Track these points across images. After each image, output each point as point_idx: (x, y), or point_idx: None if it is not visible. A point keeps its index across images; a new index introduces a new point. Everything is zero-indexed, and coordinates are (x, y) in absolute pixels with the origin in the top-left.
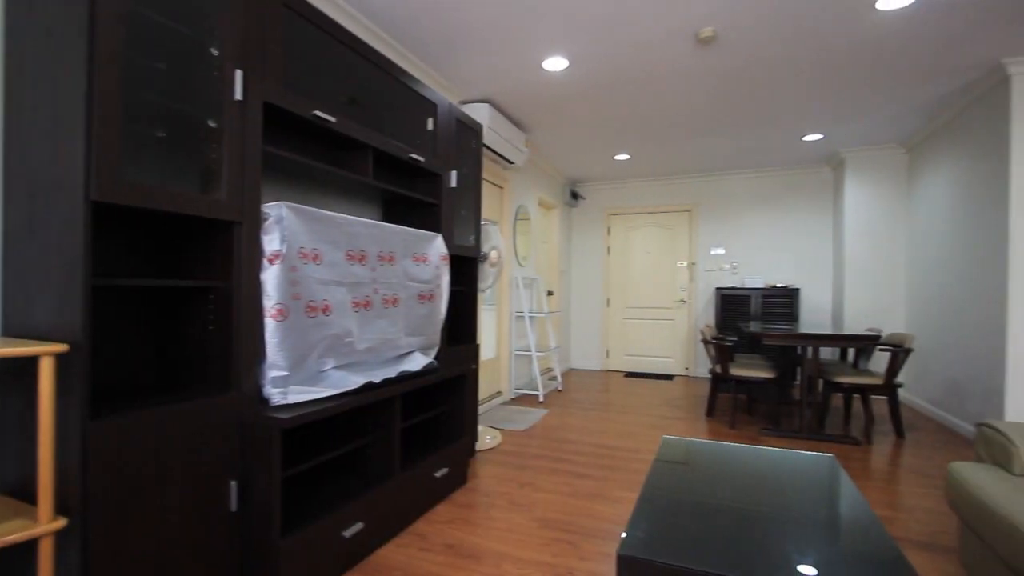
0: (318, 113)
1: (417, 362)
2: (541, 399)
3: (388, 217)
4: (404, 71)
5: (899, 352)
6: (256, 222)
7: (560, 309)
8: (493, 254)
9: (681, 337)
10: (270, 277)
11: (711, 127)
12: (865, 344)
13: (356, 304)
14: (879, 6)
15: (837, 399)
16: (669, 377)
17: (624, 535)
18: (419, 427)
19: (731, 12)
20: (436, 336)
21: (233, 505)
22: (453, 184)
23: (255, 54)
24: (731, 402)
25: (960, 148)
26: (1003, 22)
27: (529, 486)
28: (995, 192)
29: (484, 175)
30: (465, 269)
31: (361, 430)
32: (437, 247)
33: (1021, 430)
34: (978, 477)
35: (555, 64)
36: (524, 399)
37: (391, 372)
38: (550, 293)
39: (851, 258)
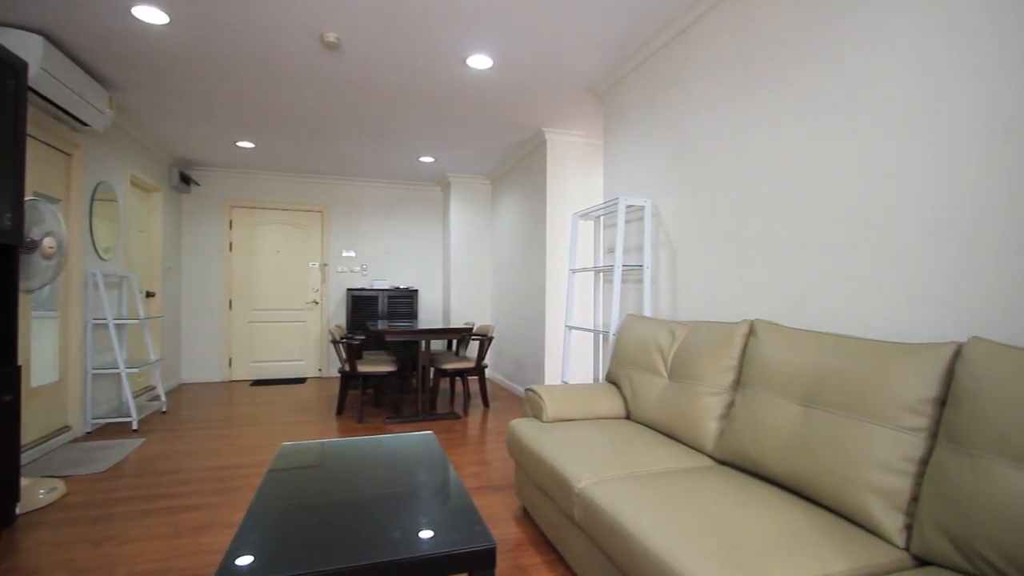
0: None
1: None
2: (135, 427)
3: None
4: None
5: (484, 340)
6: None
7: (165, 314)
8: (48, 242)
9: (314, 338)
10: None
11: (340, 133)
12: (463, 335)
13: None
14: (469, 63)
15: (445, 382)
16: (302, 380)
17: (222, 563)
18: None
19: (351, 24)
20: None
21: None
22: None
23: None
24: (359, 398)
25: (521, 185)
26: (542, 102)
27: (110, 540)
28: (539, 219)
29: (33, 132)
30: None
31: None
32: None
33: (549, 391)
34: (523, 427)
35: (150, 15)
36: (109, 430)
37: None
38: (150, 294)
39: (455, 264)
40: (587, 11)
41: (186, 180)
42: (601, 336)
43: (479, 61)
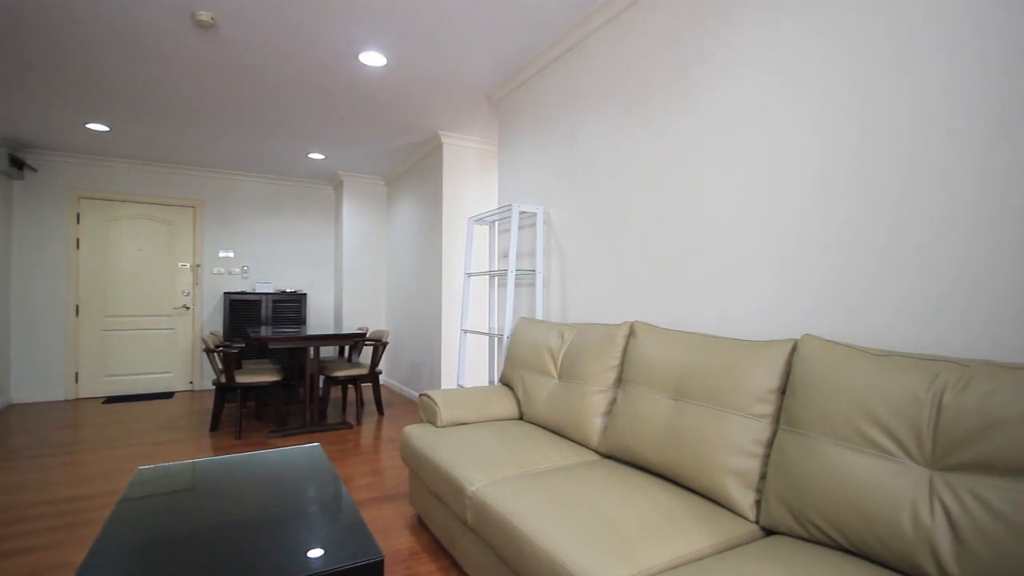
0: None
1: None
2: None
3: None
4: None
5: (379, 345)
6: None
7: None
8: None
9: (184, 348)
10: None
11: (216, 121)
12: (355, 341)
13: None
14: (362, 59)
15: (336, 391)
16: (168, 395)
17: None
18: None
19: (228, 3)
20: None
21: None
22: None
23: None
24: (238, 411)
25: (417, 187)
26: (438, 105)
27: None
28: (435, 222)
29: None
30: None
31: None
32: None
33: (443, 395)
34: (417, 433)
35: None
36: None
37: None
38: None
39: (348, 267)
40: (480, 20)
41: (19, 164)
42: (496, 339)
43: (372, 58)
